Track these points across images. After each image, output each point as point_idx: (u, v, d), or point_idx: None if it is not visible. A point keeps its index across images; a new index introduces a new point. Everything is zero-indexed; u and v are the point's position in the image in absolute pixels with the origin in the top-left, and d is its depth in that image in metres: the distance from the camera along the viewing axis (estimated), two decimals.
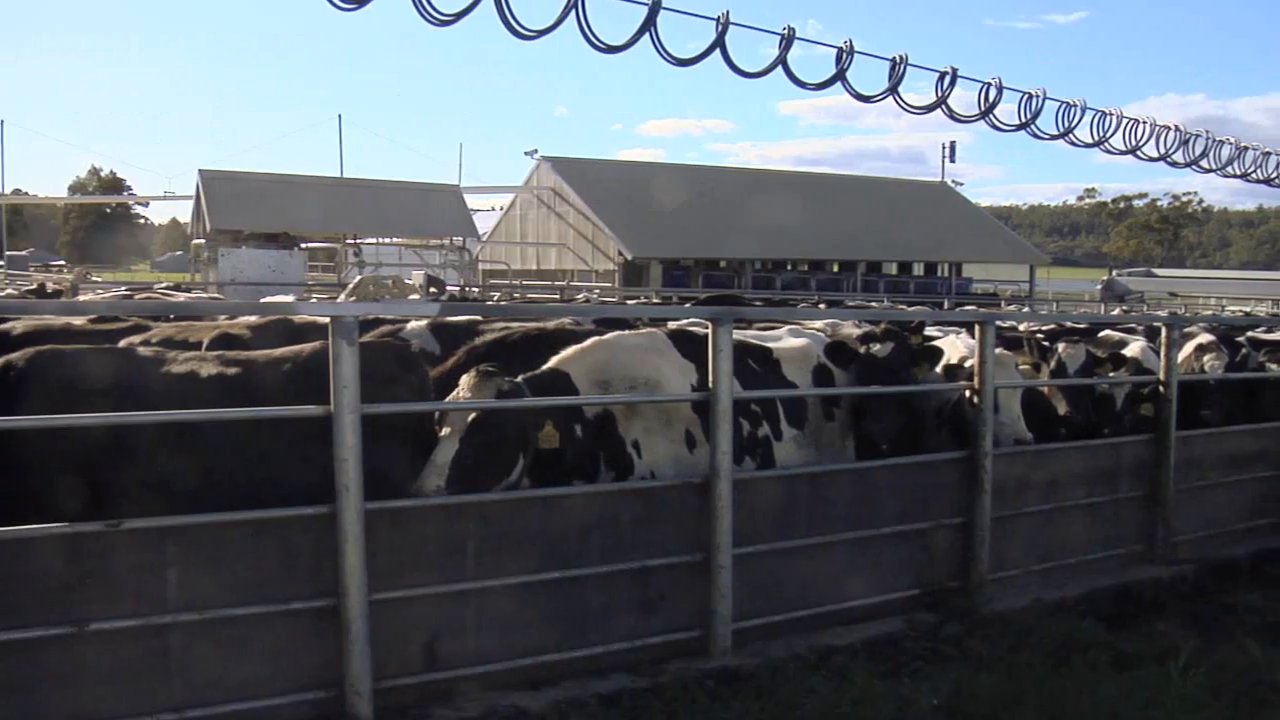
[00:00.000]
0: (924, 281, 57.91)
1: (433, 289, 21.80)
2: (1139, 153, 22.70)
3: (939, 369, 8.95)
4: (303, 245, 41.30)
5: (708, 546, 6.91)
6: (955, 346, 9.50)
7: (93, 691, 5.36)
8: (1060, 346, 9.82)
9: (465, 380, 6.65)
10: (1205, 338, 11.21)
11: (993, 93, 18.82)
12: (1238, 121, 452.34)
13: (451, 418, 6.41)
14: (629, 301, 24.81)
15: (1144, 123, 22.63)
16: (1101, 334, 12.33)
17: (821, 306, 21.31)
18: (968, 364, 8.70)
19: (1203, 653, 7.41)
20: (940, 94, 17.77)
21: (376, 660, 5.83)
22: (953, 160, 67.28)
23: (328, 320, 5.79)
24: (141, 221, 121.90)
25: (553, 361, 7.27)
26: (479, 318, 9.36)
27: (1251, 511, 10.76)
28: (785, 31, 14.88)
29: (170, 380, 6.27)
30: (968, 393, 8.37)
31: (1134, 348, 10.95)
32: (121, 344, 7.49)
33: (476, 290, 34.32)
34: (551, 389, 6.91)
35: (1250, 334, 13.51)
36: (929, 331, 10.32)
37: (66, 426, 5.68)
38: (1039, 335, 11.61)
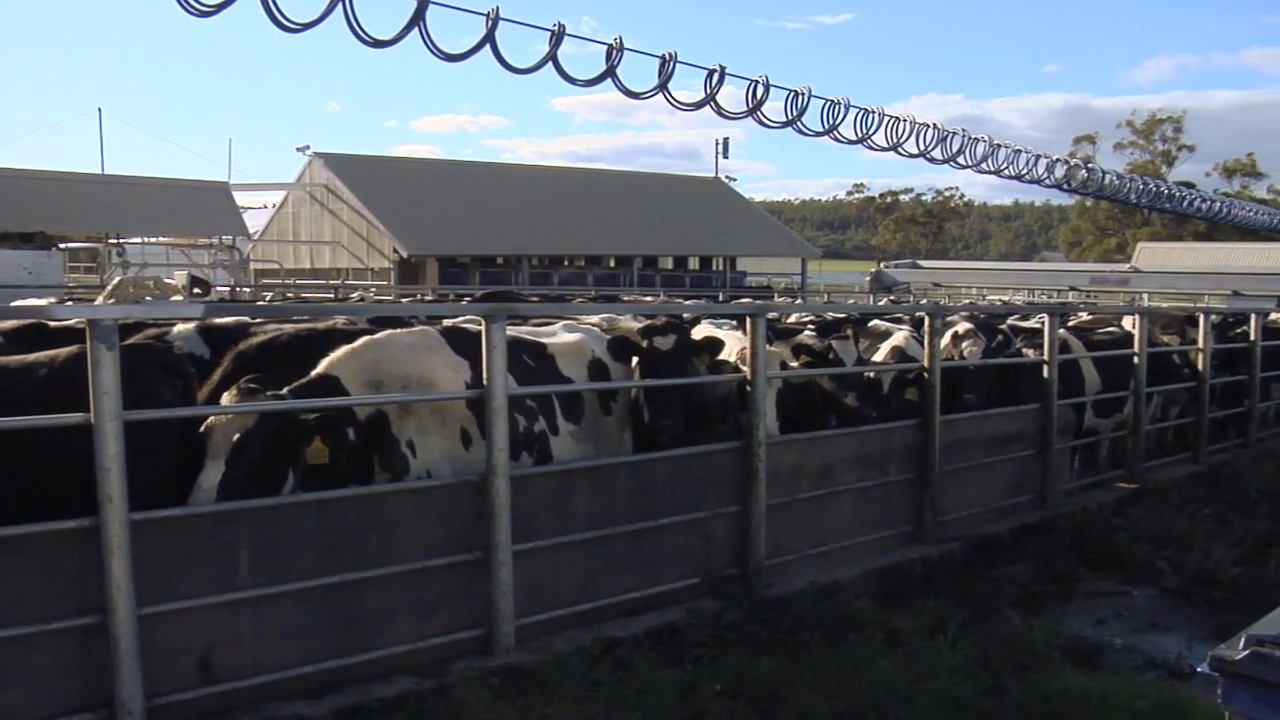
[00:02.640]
0: (699, 275, 58.87)
1: (197, 289, 21.08)
2: (900, 149, 23.69)
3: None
4: (61, 245, 39.44)
5: (487, 544, 6.87)
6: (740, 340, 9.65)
7: None
8: (833, 342, 10.06)
9: (226, 399, 6.44)
10: (963, 325, 11.65)
11: (760, 91, 19.36)
12: (993, 121, 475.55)
13: (215, 441, 6.15)
14: (404, 300, 24.48)
15: (904, 121, 23.61)
16: (870, 324, 12.69)
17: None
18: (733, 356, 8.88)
19: (970, 625, 7.80)
20: (709, 91, 18.18)
21: (148, 677, 5.61)
22: (726, 156, 68.56)
23: (85, 324, 5.54)
24: None
25: (322, 365, 7.06)
26: (250, 319, 9.06)
27: (1011, 489, 11.27)
28: (555, 28, 14.99)
29: None
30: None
31: (898, 336, 11.32)
32: None
33: (248, 290, 33.37)
34: (320, 394, 6.72)
35: (1010, 322, 14.12)
36: (704, 324, 10.48)
37: None
38: (810, 328, 11.88)
